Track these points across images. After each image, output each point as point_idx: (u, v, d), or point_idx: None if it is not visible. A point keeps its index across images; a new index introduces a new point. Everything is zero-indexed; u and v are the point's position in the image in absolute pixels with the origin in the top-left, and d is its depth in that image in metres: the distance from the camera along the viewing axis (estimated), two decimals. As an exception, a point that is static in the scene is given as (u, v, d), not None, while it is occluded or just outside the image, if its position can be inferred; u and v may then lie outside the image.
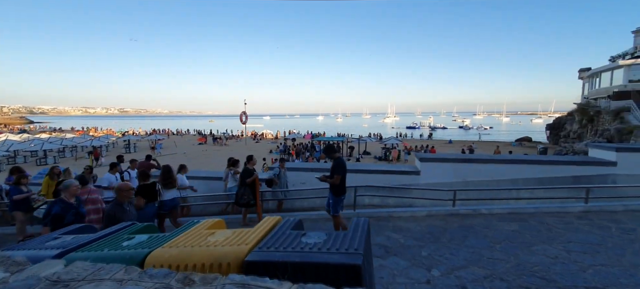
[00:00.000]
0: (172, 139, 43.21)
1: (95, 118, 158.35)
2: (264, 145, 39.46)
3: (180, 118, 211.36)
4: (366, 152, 28.00)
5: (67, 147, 27.86)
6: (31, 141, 27.58)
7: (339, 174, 4.84)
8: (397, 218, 5.81)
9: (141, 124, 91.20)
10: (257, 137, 46.84)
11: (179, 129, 62.42)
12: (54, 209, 3.93)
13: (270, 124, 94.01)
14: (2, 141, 28.79)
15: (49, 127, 68.41)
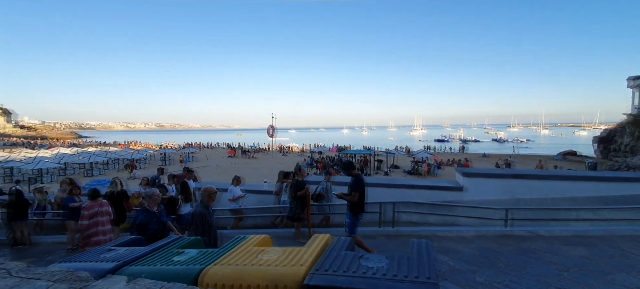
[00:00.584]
0: (203, 152, 45.04)
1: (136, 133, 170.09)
2: (291, 158, 39.85)
3: (210, 132, 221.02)
4: (395, 166, 27.23)
5: (110, 160, 29.93)
6: (80, 154, 30.03)
7: (357, 191, 4.61)
8: (442, 238, 5.40)
9: (176, 137, 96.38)
10: (284, 151, 47.48)
11: (209, 143, 65.06)
12: (139, 219, 3.98)
13: (296, 138, 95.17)
14: (55, 154, 31.65)
15: (95, 141, 74.41)
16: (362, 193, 4.69)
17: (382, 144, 62.45)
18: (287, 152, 46.84)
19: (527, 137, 77.57)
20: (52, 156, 29.29)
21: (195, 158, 36.96)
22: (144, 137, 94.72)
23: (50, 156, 29.42)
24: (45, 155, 30.15)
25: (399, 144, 57.00)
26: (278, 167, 31.57)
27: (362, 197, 4.71)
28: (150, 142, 65.46)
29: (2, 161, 25.49)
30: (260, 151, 47.59)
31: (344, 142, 66.12)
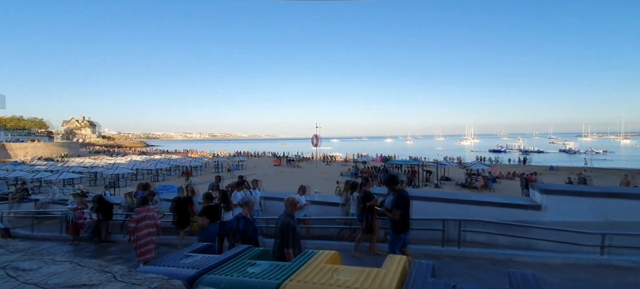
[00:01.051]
0: (251, 161, 47.34)
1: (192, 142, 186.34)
2: (335, 168, 39.82)
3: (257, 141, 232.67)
4: (446, 178, 25.50)
5: (172, 167, 33.03)
6: (148, 161, 33.71)
7: (399, 209, 4.37)
8: (520, 263, 4.76)
9: (226, 146, 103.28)
10: (328, 160, 47.69)
11: (256, 152, 68.35)
12: (240, 225, 4.16)
13: (338, 147, 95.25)
14: (128, 161, 35.98)
15: (159, 150, 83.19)
16: (405, 211, 4.45)
17: (429, 154, 59.20)
18: (330, 162, 46.98)
19: (603, 148, 67.17)
20: (126, 162, 33.35)
21: (244, 166, 38.94)
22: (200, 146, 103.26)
23: (125, 162, 33.54)
24: (121, 162, 34.48)
25: (448, 155, 53.55)
26: (322, 177, 31.71)
27: (405, 215, 4.46)
28: (204, 150, 70.99)
29: (89, 166, 29.74)
30: (304, 160, 48.47)
31: (388, 152, 64.21)
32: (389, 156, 53.41)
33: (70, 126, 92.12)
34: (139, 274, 1.81)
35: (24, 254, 2.11)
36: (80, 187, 15.63)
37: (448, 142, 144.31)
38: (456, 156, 50.63)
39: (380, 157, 50.98)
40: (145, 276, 1.80)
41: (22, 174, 22.19)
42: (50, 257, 2.06)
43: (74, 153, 53.82)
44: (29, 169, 26.20)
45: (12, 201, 11.43)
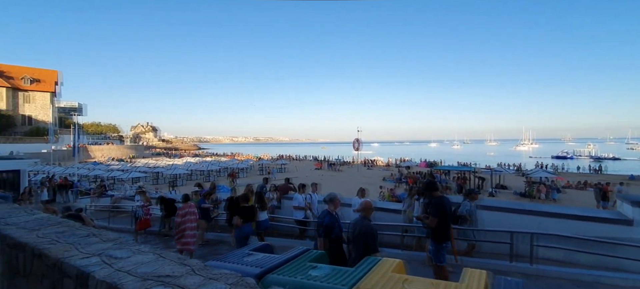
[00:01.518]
0: (293, 164, 48.49)
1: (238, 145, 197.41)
2: (376, 172, 38.94)
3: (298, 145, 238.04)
4: (502, 186, 23.31)
5: (221, 169, 35.27)
6: (201, 163, 36.47)
7: (436, 216, 4.16)
8: (608, 286, 4.07)
9: (269, 149, 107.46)
10: (369, 164, 46.84)
11: (297, 155, 69.90)
12: (326, 221, 4.01)
13: (379, 151, 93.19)
14: (184, 162, 39.28)
15: (209, 152, 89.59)
16: (444, 219, 4.22)
17: (480, 159, 55.01)
18: (371, 166, 46.08)
19: None
20: (182, 164, 36.48)
21: (287, 169, 40.00)
22: (245, 149, 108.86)
23: (181, 164, 36.72)
24: (178, 163, 37.83)
25: (502, 161, 49.08)
26: (364, 181, 31.16)
27: (446, 224, 4.25)
28: (250, 153, 74.67)
29: (152, 167, 33.13)
30: (344, 164, 48.24)
31: (433, 157, 60.99)
32: (434, 161, 50.69)
33: (137, 131, 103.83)
34: (214, 270, 1.88)
35: (114, 243, 2.33)
36: (141, 185, 17.34)
37: (501, 147, 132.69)
38: (511, 162, 46.11)
39: (424, 162, 48.65)
40: (220, 272, 1.87)
41: (100, 173, 25.52)
42: (136, 247, 2.25)
43: (140, 155, 60.52)
44: (105, 168, 30.03)
45: (93, 195, 13.16)
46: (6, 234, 2.60)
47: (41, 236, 2.52)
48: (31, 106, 52.45)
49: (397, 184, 23.60)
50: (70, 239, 2.38)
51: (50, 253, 2.13)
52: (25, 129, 49.98)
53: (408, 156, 60.66)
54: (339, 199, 4.17)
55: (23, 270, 2.36)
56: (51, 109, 52.99)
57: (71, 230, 2.68)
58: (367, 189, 8.85)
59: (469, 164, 44.93)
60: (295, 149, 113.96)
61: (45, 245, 2.29)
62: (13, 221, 2.98)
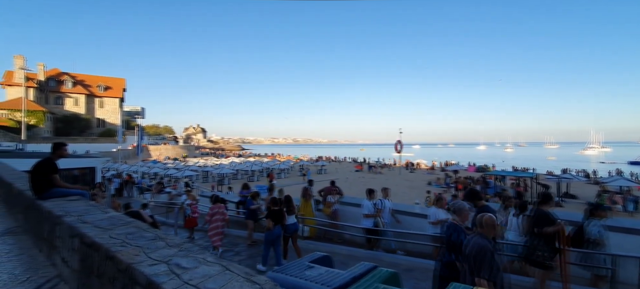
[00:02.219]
0: (333, 166, 48.36)
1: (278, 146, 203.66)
2: (419, 175, 37.07)
3: (336, 146, 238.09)
4: (570, 195, 20.52)
5: (264, 169, 36.44)
6: (245, 163, 38.09)
7: None
8: None
9: (308, 151, 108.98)
10: (411, 167, 44.83)
11: (335, 156, 69.68)
12: (453, 237, 3.39)
13: (420, 153, 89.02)
14: (229, 162, 41.37)
15: (252, 153, 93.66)
16: None
17: (539, 164, 49.66)
18: (414, 169, 44.03)
19: None
20: (228, 163, 38.47)
21: (326, 171, 39.97)
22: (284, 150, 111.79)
23: (227, 163, 38.74)
24: (224, 163, 39.99)
25: (567, 166, 43.61)
26: (406, 185, 29.84)
27: None
28: (290, 154, 76.39)
29: (201, 166, 35.45)
30: (385, 166, 46.79)
31: (482, 161, 56.45)
32: (485, 165, 46.85)
33: (188, 132, 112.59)
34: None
35: (180, 249, 2.28)
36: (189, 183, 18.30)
37: (563, 150, 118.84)
38: (575, 167, 40.57)
39: (473, 166, 45.21)
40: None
41: (158, 171, 27.92)
42: (202, 255, 2.16)
43: (191, 154, 65.41)
44: (162, 166, 32.85)
45: (154, 191, 14.32)
46: (83, 233, 2.72)
47: (113, 236, 2.58)
48: (103, 110, 59.67)
49: (446, 189, 22.09)
50: (140, 242, 2.39)
51: (122, 257, 2.13)
52: (99, 131, 56.88)
53: (454, 159, 56.94)
54: (467, 210, 3.58)
55: (96, 270, 2.43)
56: (119, 113, 59.77)
57: (139, 232, 2.72)
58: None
59: (528, 169, 40.71)
60: (334, 151, 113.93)
61: (116, 247, 2.31)
62: (89, 219, 3.15)
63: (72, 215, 3.26)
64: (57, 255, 3.25)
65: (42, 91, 53.51)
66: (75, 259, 2.79)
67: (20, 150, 23.66)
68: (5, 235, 4.45)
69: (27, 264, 3.43)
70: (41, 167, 4.05)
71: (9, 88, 49.83)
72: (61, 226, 3.17)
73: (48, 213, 3.54)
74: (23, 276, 3.14)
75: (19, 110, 43.41)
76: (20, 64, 47.83)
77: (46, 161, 4.10)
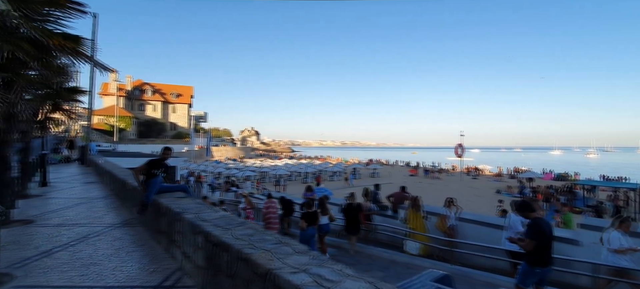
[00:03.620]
0: (385, 169, 46.91)
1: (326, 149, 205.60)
2: (484, 183, 33.80)
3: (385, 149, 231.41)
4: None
5: (316, 171, 36.93)
6: (299, 165, 39.14)
7: (533, 239, 3.87)
8: None
9: (356, 153, 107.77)
10: (474, 173, 41.17)
11: (386, 160, 67.54)
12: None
13: (481, 158, 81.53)
14: (284, 163, 42.91)
15: (302, 155, 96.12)
16: (543, 243, 3.90)
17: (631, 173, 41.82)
18: (477, 175, 40.34)
19: None
20: (282, 165, 39.93)
21: (379, 174, 38.90)
22: (333, 153, 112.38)
23: (281, 164, 40.25)
24: (279, 164, 41.64)
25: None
26: (471, 192, 27.36)
27: (544, 248, 3.91)
28: (339, 157, 76.44)
29: (258, 166, 37.42)
30: (442, 171, 43.77)
31: (559, 167, 49.26)
32: (565, 172, 40.83)
33: (244, 134, 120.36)
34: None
35: (311, 257, 2.21)
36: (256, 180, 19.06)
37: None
38: None
39: (550, 174, 39.73)
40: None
41: (221, 170, 30.21)
42: (337, 267, 2.06)
43: (247, 155, 69.78)
44: (224, 166, 35.49)
45: (223, 189, 15.45)
46: (208, 231, 2.86)
47: (237, 237, 2.65)
48: (175, 115, 67.09)
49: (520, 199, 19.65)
50: (266, 246, 2.40)
51: (258, 261, 2.13)
52: (171, 134, 64.01)
53: (524, 166, 50.81)
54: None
55: (227, 270, 2.51)
56: (188, 117, 66.63)
57: (258, 233, 2.76)
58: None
59: (623, 178, 34.37)
60: (383, 154, 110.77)
61: (246, 249, 2.35)
62: (206, 217, 3.34)
63: (190, 212, 3.50)
64: (177, 249, 3.52)
65: (129, 99, 62.39)
66: (200, 256, 2.95)
67: (114, 150, 27.77)
68: (124, 227, 5.06)
69: (150, 255, 3.80)
70: (153, 165, 4.53)
71: (105, 97, 59.12)
72: (181, 222, 3.42)
73: (167, 209, 3.88)
74: (150, 266, 3.46)
75: (112, 116, 51.24)
76: (114, 77, 56.41)
77: (157, 160, 4.59)
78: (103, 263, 3.49)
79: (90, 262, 3.49)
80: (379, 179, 34.41)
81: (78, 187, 9.02)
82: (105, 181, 9.05)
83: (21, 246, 3.98)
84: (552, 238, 3.97)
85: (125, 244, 4.16)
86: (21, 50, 2.86)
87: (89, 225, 5.05)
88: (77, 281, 3.02)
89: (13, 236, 4.33)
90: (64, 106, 7.90)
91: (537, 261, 3.93)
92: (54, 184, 9.23)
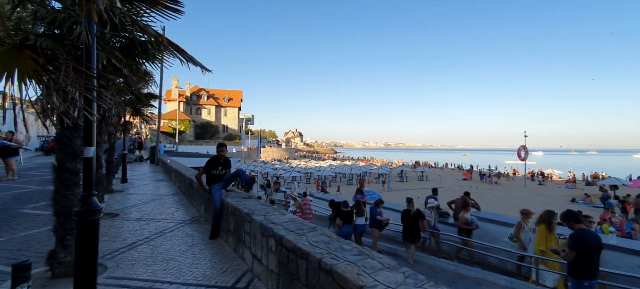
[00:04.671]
0: (435, 172, 44.29)
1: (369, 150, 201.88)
2: (553, 189, 29.85)
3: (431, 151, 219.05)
4: None
5: (362, 173, 36.31)
6: (343, 167, 38.91)
7: (574, 250, 3.83)
8: None
9: (401, 155, 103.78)
10: (539, 178, 36.70)
11: (435, 162, 63.75)
12: None
13: (545, 162, 72.57)
14: (328, 165, 43.01)
15: (345, 156, 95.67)
16: (585, 254, 3.82)
17: None
18: (543, 181, 35.85)
19: None
20: (327, 166, 40.06)
21: (429, 178, 36.84)
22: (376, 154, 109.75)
23: (326, 166, 40.41)
24: (323, 165, 41.89)
25: None
26: (536, 200, 24.31)
27: (586, 260, 3.83)
28: (384, 159, 74.35)
29: (303, 167, 38.04)
30: (500, 176, 39.82)
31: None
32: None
33: (288, 136, 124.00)
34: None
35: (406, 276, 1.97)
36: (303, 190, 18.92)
37: None
38: None
39: (639, 180, 33.59)
40: None
41: (269, 171, 31.31)
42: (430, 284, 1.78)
43: (291, 156, 71.68)
44: (271, 167, 36.78)
45: (273, 189, 15.88)
46: (281, 235, 2.78)
47: (313, 244, 2.51)
48: (226, 118, 71.74)
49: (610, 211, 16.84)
50: (349, 257, 2.21)
51: (345, 274, 1.95)
52: (223, 135, 68.49)
53: (601, 171, 43.94)
54: None
55: (305, 279, 2.38)
56: (237, 120, 70.79)
57: (334, 241, 2.59)
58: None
59: None
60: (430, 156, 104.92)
61: (327, 259, 2.19)
62: (275, 220, 3.30)
63: (258, 214, 3.48)
64: (246, 250, 3.53)
65: (188, 104, 68.50)
66: (272, 261, 2.89)
67: (176, 150, 30.52)
68: (193, 223, 5.34)
69: (220, 254, 3.89)
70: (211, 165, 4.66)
71: (168, 103, 65.71)
72: (250, 224, 3.43)
73: (234, 209, 3.94)
74: (222, 266, 3.53)
75: (174, 119, 56.64)
76: (175, 84, 62.47)
77: (214, 159, 4.72)
78: (180, 258, 3.65)
79: (169, 257, 3.67)
80: (428, 183, 32.50)
81: (150, 185, 9.92)
82: (173, 179, 9.80)
83: (110, 238, 4.38)
84: (598, 250, 3.90)
85: (196, 241, 4.34)
86: (114, 56, 3.10)
87: (164, 221, 5.42)
88: (160, 275, 3.17)
89: (103, 228, 4.81)
90: (142, 110, 8.74)
91: (579, 273, 3.90)
92: (131, 181, 10.31)
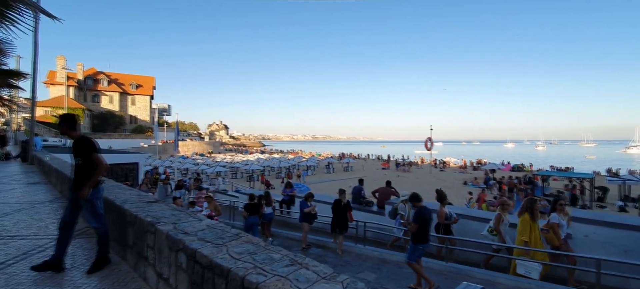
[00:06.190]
0: (359, 163, 47.46)
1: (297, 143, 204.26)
2: (450, 175, 35.48)
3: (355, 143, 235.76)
4: (629, 198, 18.61)
5: (290, 166, 36.22)
6: (271, 160, 38.09)
7: (417, 223, 4.92)
8: None
9: (328, 147, 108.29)
10: (440, 165, 43.08)
11: (358, 154, 68.52)
12: None
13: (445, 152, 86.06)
14: (256, 158, 41.52)
15: (273, 149, 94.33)
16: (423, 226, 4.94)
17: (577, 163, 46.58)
18: (443, 168, 42.28)
19: None
20: (254, 160, 38.61)
21: (353, 168, 39.23)
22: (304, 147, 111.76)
23: (253, 160, 38.90)
24: (250, 159, 40.20)
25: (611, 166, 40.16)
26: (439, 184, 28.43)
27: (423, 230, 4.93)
28: (311, 151, 76.11)
29: (229, 162, 35.79)
30: (412, 164, 45.31)
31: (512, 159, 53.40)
32: (521, 164, 44.22)
33: (212, 129, 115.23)
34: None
35: (340, 284, 1.72)
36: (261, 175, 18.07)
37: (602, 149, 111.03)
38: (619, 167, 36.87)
39: (508, 165, 42.80)
40: None
41: (189, 166, 28.33)
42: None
43: (216, 150, 66.69)
44: (192, 162, 33.43)
45: (192, 188, 14.25)
46: (194, 248, 2.24)
47: (235, 257, 2.07)
48: (135, 108, 62.05)
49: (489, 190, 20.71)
50: (278, 269, 1.86)
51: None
52: (131, 127, 59.17)
53: (483, 158, 54.34)
54: None
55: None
56: (149, 110, 61.93)
57: (262, 251, 2.19)
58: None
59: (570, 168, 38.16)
60: (354, 148, 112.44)
61: (252, 276, 1.78)
62: (187, 228, 2.69)
63: (166, 222, 2.81)
64: (150, 267, 2.84)
65: (81, 90, 56.40)
66: (183, 281, 2.32)
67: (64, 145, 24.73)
68: (78, 237, 4.17)
69: (113, 276, 3.06)
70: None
71: (52, 87, 52.85)
72: (156, 236, 2.74)
73: (133, 218, 3.14)
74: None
75: (61, 107, 45.92)
76: (62, 64, 50.56)
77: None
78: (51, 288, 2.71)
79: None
80: (353, 174, 34.61)
81: (19, 189, 7.63)
82: (53, 181, 7.77)
83: None
84: (430, 221, 5.08)
85: (78, 261, 3.36)
86: None
87: (32, 237, 4.11)
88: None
89: None
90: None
91: (419, 239, 4.92)
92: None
